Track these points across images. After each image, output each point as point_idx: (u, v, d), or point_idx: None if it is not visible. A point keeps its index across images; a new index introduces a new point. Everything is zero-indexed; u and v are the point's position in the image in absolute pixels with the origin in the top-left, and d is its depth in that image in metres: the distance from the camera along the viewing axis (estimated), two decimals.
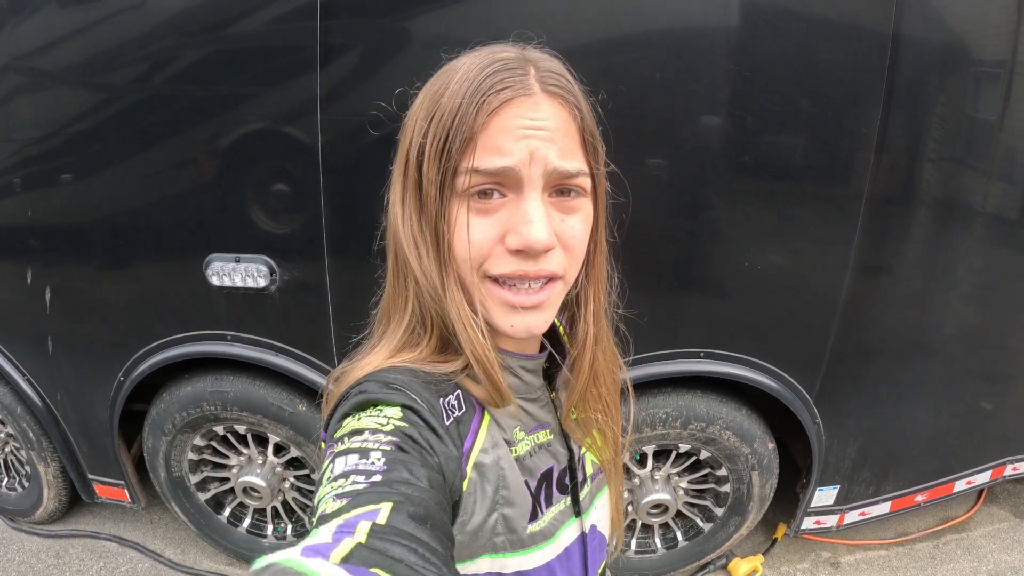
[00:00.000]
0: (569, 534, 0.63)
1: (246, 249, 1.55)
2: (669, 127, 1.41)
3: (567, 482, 0.64)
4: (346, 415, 0.50)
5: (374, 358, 0.55)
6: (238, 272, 1.55)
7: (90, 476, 2.08)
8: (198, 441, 1.89)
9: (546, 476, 0.61)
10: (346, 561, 0.35)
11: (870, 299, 1.61)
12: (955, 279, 1.66)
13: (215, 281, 1.57)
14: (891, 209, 1.52)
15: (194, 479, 1.97)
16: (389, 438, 0.46)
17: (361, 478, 0.43)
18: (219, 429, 1.86)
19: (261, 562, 0.33)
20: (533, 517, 0.58)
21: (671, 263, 1.56)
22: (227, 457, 1.96)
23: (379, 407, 0.49)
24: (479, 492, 0.53)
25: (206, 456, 1.96)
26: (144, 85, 1.47)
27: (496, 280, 0.53)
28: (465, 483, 0.51)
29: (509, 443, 0.57)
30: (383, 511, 0.40)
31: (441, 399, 0.52)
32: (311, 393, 1.70)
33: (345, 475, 0.43)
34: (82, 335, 1.82)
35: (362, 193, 1.45)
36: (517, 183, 0.50)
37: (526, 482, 0.58)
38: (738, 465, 1.80)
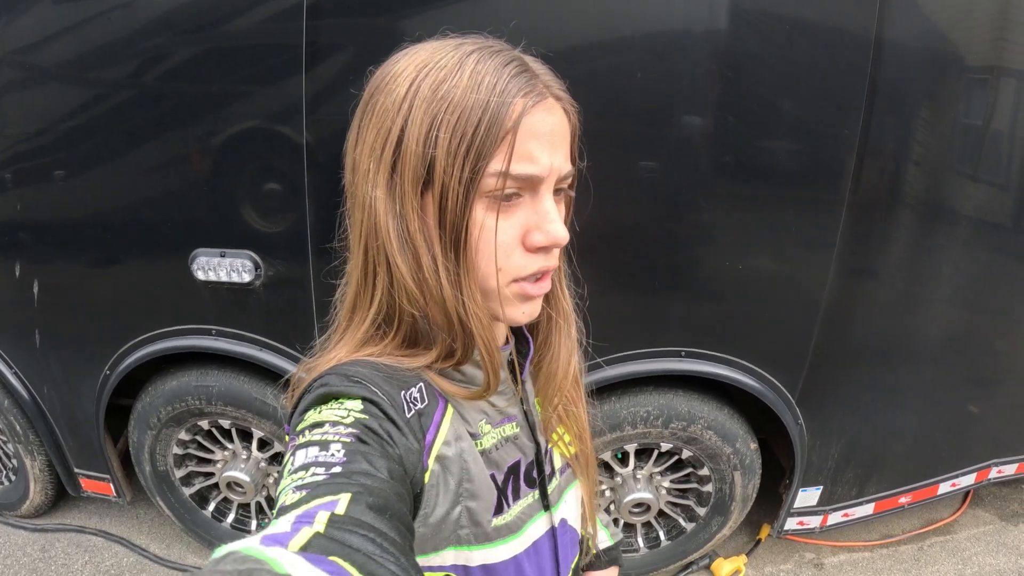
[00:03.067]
0: (538, 528, 0.63)
1: (231, 244, 1.56)
2: (652, 129, 1.42)
3: (535, 475, 0.64)
4: (307, 408, 0.50)
5: (337, 352, 0.56)
6: (223, 267, 1.56)
7: (76, 470, 2.08)
8: (183, 435, 1.90)
9: (513, 469, 0.61)
10: (304, 550, 0.35)
11: (853, 300, 1.62)
12: (939, 282, 1.67)
13: (200, 276, 1.58)
14: (874, 211, 1.53)
15: (179, 473, 1.98)
16: (349, 430, 0.47)
17: (321, 470, 0.43)
18: (204, 423, 1.87)
19: (221, 551, 0.34)
20: (498, 511, 0.58)
21: (654, 263, 1.56)
22: (212, 452, 1.97)
23: (340, 400, 0.50)
24: (441, 484, 0.53)
25: (191, 451, 1.97)
26: (133, 82, 1.48)
27: (520, 280, 0.55)
28: (427, 475, 0.51)
29: (474, 436, 0.58)
30: (342, 502, 0.40)
31: (403, 392, 0.52)
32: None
33: (305, 467, 0.44)
34: (69, 329, 1.82)
35: None
36: (536, 186, 0.52)
37: (492, 475, 0.58)
38: (720, 465, 1.81)
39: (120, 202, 1.61)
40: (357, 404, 0.49)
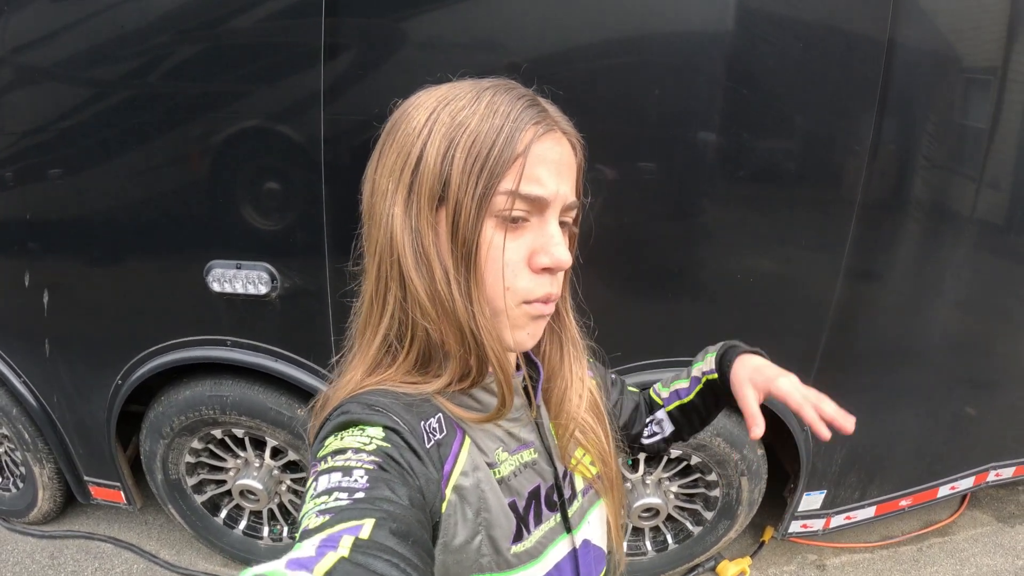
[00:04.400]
0: (559, 551, 0.64)
1: (247, 256, 1.57)
2: (663, 134, 1.43)
3: (555, 499, 0.65)
4: (329, 435, 0.52)
5: (352, 376, 0.57)
6: (239, 279, 1.56)
7: (86, 478, 2.08)
8: (195, 444, 1.90)
9: (534, 495, 0.62)
10: (330, 574, 0.36)
11: (861, 305, 1.64)
12: (944, 286, 1.69)
13: (216, 287, 1.58)
14: (883, 216, 1.55)
15: (191, 481, 1.98)
16: (371, 458, 0.48)
17: (344, 495, 0.44)
18: (217, 433, 1.88)
19: (245, 574, 0.35)
20: (518, 538, 0.59)
21: (663, 272, 1.58)
22: (224, 460, 1.97)
23: (361, 427, 0.51)
24: (459, 514, 0.54)
25: (203, 459, 1.97)
26: (143, 88, 1.48)
27: (529, 302, 0.57)
28: (444, 505, 0.53)
29: (491, 465, 0.58)
30: (366, 527, 0.41)
31: (423, 422, 0.54)
32: (310, 398, 1.72)
33: (328, 492, 0.45)
34: (80, 338, 1.82)
35: None
36: (543, 209, 0.55)
37: (513, 503, 0.59)
38: (728, 470, 1.84)
39: (134, 212, 1.61)
40: (379, 432, 0.50)
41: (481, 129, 0.52)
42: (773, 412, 1.73)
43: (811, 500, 1.98)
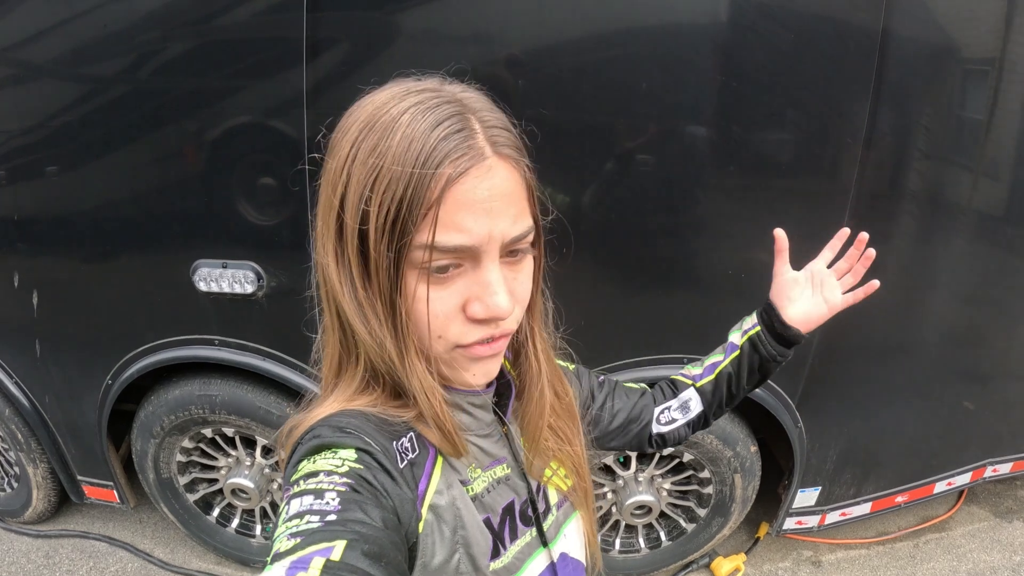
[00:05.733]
0: (537, 565, 0.64)
1: (233, 255, 1.56)
2: (655, 127, 1.42)
3: (530, 514, 0.64)
4: (301, 459, 0.51)
5: (328, 407, 0.55)
6: (225, 278, 1.56)
7: (79, 477, 2.09)
8: (186, 443, 1.90)
9: (508, 510, 0.61)
10: None
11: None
12: (939, 279, 1.68)
13: (202, 287, 1.58)
14: (877, 209, 1.53)
15: (183, 480, 1.98)
16: (344, 479, 0.47)
17: (315, 517, 0.44)
18: (207, 432, 1.88)
19: None
20: (495, 555, 0.58)
21: (657, 268, 1.57)
22: (215, 459, 1.97)
23: (333, 450, 0.50)
24: (437, 533, 0.53)
25: (194, 458, 1.97)
26: (130, 85, 1.47)
27: (463, 346, 0.53)
28: (421, 524, 0.52)
29: (464, 482, 0.58)
30: (337, 548, 0.41)
31: (394, 442, 0.53)
32: (299, 397, 1.71)
33: (300, 515, 0.44)
34: (70, 338, 1.82)
35: None
36: (475, 256, 0.49)
37: (487, 519, 0.58)
38: (721, 467, 1.83)
39: (121, 212, 1.61)
40: (351, 453, 0.49)
41: (393, 172, 0.46)
42: (766, 409, 1.72)
43: (806, 497, 1.97)
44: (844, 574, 2.15)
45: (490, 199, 0.48)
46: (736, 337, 0.87)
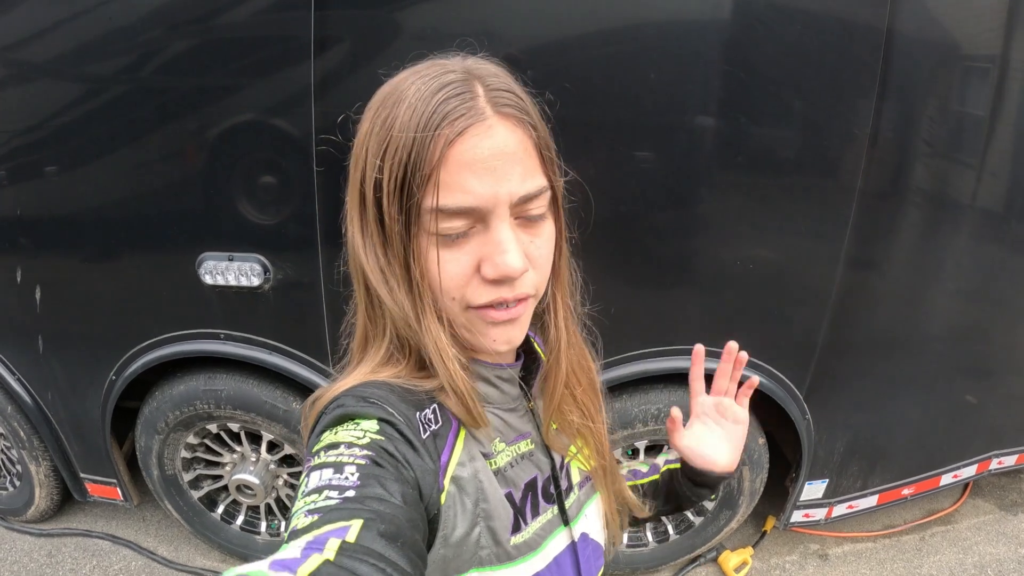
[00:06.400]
0: (558, 543, 0.63)
1: (240, 248, 1.55)
2: (662, 123, 1.42)
3: (552, 491, 0.64)
4: (324, 430, 0.50)
5: (352, 378, 0.56)
6: (231, 271, 1.55)
7: (82, 475, 2.07)
8: (191, 439, 1.89)
9: (530, 486, 0.61)
10: None
11: (861, 294, 1.63)
12: (944, 274, 1.68)
13: (208, 280, 1.57)
14: (883, 204, 1.53)
15: (187, 477, 1.97)
16: (365, 452, 0.47)
17: (334, 493, 0.43)
18: (212, 427, 1.86)
19: (229, 574, 0.34)
20: (516, 529, 0.58)
21: (664, 260, 1.57)
22: (220, 455, 1.96)
23: (356, 420, 0.50)
24: (459, 505, 0.53)
25: (199, 454, 1.96)
26: (133, 81, 1.46)
27: (475, 307, 0.53)
28: (443, 496, 0.51)
29: (487, 456, 0.57)
30: (353, 528, 0.40)
31: (418, 413, 0.53)
32: (305, 391, 1.71)
33: (318, 490, 0.44)
34: (73, 334, 1.80)
35: None
36: (484, 216, 0.50)
37: (509, 494, 0.58)
38: None
39: (125, 205, 1.60)
40: (373, 425, 0.49)
41: (399, 141, 0.48)
42: (775, 401, 1.72)
43: (813, 489, 1.96)
44: (851, 567, 2.15)
45: (492, 158, 0.48)
46: (661, 460, 0.89)
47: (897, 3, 1.33)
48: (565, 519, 0.65)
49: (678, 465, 0.83)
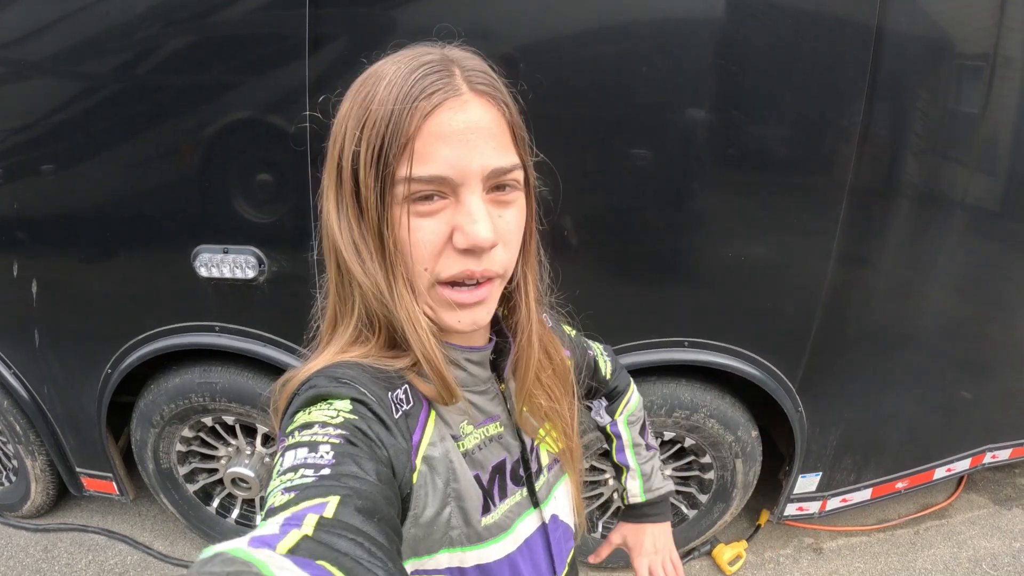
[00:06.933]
0: (528, 525, 0.64)
1: (234, 240, 1.56)
2: (654, 119, 1.43)
3: (521, 473, 0.65)
4: (297, 410, 0.51)
5: (323, 358, 0.56)
6: (226, 263, 1.55)
7: (78, 469, 2.08)
8: (186, 432, 1.89)
9: (498, 469, 0.62)
10: (292, 552, 0.36)
11: (852, 289, 1.64)
12: (936, 270, 1.69)
13: (203, 272, 1.57)
14: (873, 200, 1.54)
15: (182, 470, 1.98)
16: (339, 431, 0.47)
17: (310, 471, 0.44)
18: (207, 420, 1.87)
19: (208, 551, 0.34)
20: (486, 510, 0.59)
21: (657, 253, 1.58)
22: (215, 448, 1.96)
23: (329, 401, 0.50)
24: (430, 485, 0.54)
25: (194, 447, 1.97)
26: (128, 76, 1.47)
27: (443, 283, 0.54)
28: (415, 476, 0.52)
29: (455, 438, 0.58)
30: (330, 504, 0.41)
31: (390, 393, 0.53)
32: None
33: (294, 469, 0.44)
34: (69, 327, 1.81)
35: None
36: (456, 187, 0.51)
37: (477, 476, 0.59)
38: (722, 452, 1.83)
39: (120, 198, 1.60)
40: (346, 404, 0.50)
41: (378, 115, 0.50)
42: (767, 393, 1.73)
43: (806, 483, 1.97)
44: (845, 561, 2.16)
45: (467, 131, 0.50)
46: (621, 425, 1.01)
47: (887, 0, 1.34)
48: (535, 501, 0.66)
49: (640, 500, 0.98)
